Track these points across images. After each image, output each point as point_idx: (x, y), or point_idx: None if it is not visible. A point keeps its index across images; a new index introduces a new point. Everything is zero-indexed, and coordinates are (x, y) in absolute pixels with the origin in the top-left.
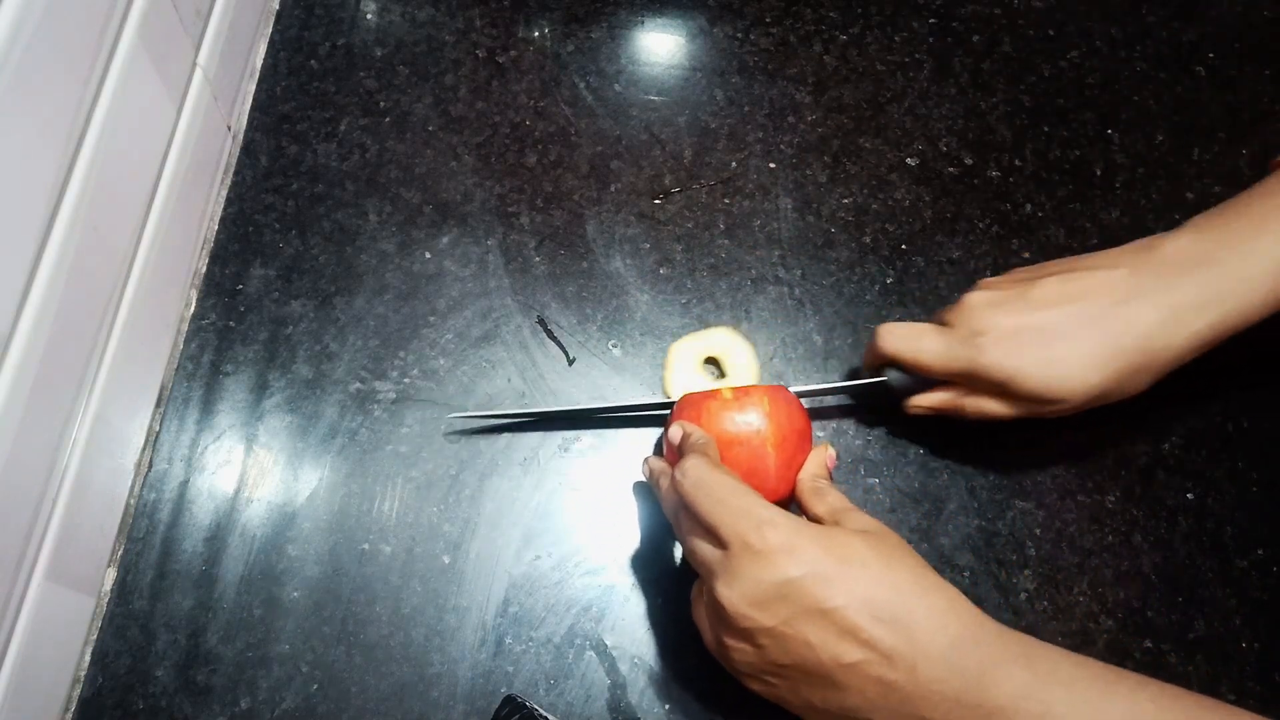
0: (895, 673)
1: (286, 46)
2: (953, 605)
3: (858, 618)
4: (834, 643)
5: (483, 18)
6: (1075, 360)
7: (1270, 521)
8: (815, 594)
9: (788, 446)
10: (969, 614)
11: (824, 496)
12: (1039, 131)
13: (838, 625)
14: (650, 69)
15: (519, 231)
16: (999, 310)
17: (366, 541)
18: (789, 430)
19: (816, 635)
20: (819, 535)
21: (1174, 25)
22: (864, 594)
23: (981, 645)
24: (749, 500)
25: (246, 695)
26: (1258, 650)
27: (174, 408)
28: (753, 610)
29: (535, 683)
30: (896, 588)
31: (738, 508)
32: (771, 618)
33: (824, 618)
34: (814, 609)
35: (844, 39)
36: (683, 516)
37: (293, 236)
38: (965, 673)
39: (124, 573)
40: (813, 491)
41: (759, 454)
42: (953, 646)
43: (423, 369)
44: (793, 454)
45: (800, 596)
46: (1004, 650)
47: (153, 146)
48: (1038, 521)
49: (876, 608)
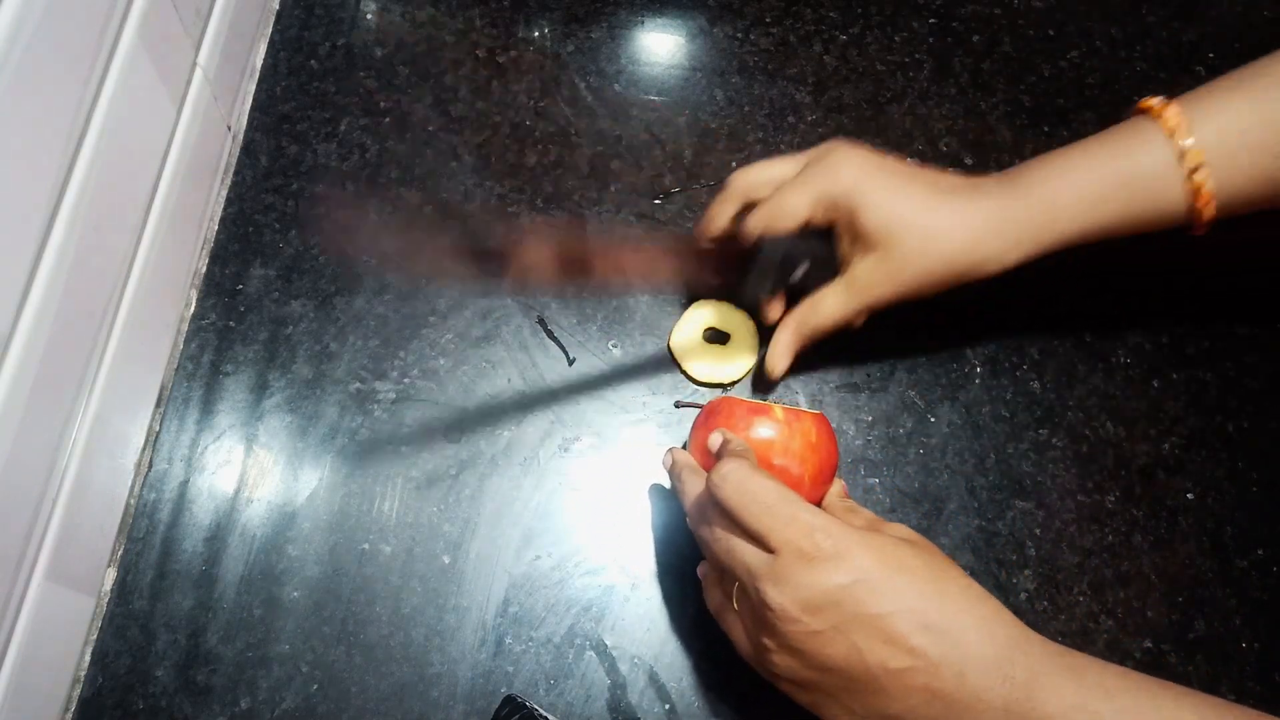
0: (942, 681)
1: (286, 46)
2: (999, 616)
3: (907, 625)
4: (881, 649)
5: (483, 18)
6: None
7: (1270, 521)
8: (866, 600)
9: (820, 481)
10: (1014, 625)
11: (858, 513)
12: (1039, 131)
13: (886, 632)
14: (650, 69)
15: (519, 232)
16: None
17: (366, 541)
18: (826, 465)
19: (865, 641)
20: (870, 543)
21: (1174, 25)
22: (913, 602)
23: (1029, 656)
24: (797, 506)
25: (246, 695)
26: (1258, 650)
27: (174, 408)
28: (804, 615)
29: (535, 683)
30: (944, 597)
31: (787, 514)
32: (822, 622)
33: (873, 624)
34: (864, 615)
35: (844, 39)
36: (717, 519)
37: (293, 236)
38: (1013, 682)
39: (124, 573)
40: (846, 510)
41: (796, 484)
42: (1001, 656)
43: (423, 369)
44: (823, 490)
45: (851, 602)
46: (1050, 661)
47: (153, 146)
48: (1038, 521)
49: (925, 616)
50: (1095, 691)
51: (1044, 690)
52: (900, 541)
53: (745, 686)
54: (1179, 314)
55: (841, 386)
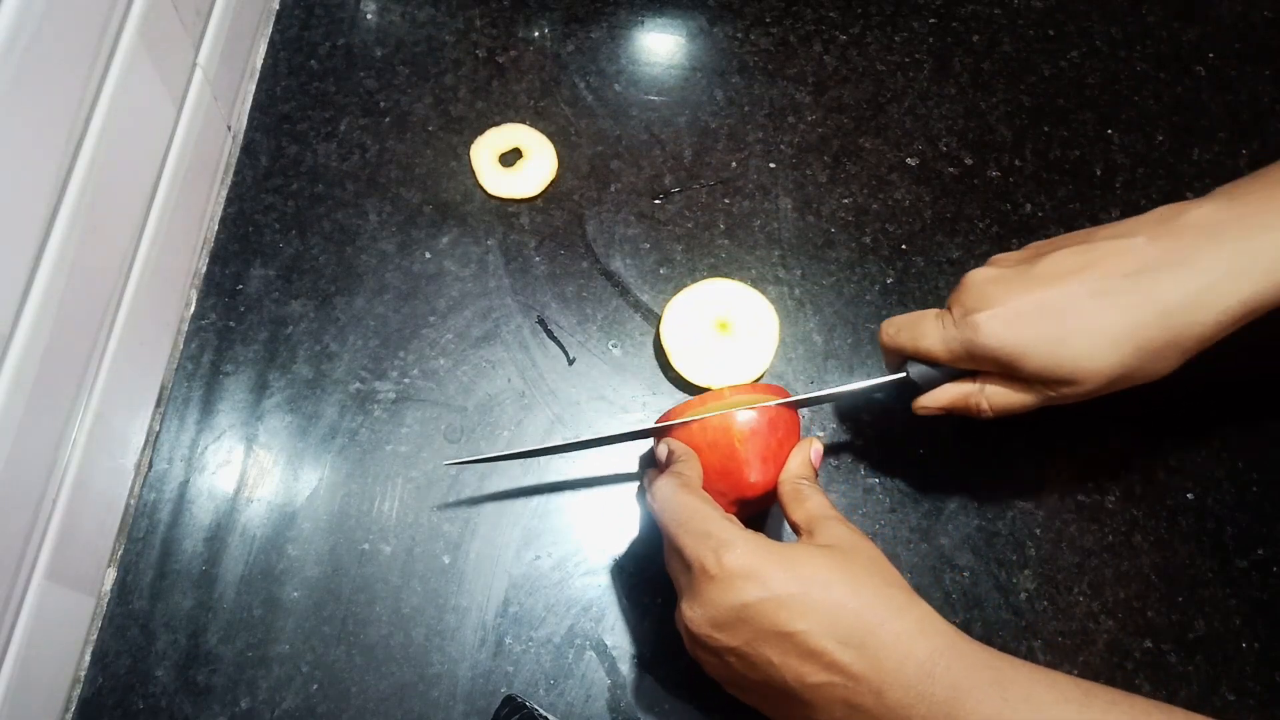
0: (860, 697)
1: (286, 46)
2: (922, 627)
3: (821, 641)
4: (797, 665)
5: (483, 17)
6: (1087, 337)
7: (1270, 521)
8: (775, 617)
9: (758, 439)
10: (939, 635)
11: (803, 502)
12: (1039, 131)
13: (799, 648)
14: (650, 69)
15: (519, 231)
16: (999, 286)
17: (366, 541)
18: (759, 423)
19: (779, 657)
20: (780, 557)
21: (1174, 25)
22: (827, 617)
23: (952, 670)
24: (709, 523)
25: (246, 695)
26: (1258, 650)
27: (174, 408)
28: (715, 631)
29: (535, 683)
30: (861, 610)
31: (698, 530)
32: (734, 638)
33: (786, 640)
34: (775, 631)
35: (844, 39)
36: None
37: (293, 236)
38: (933, 700)
39: (124, 573)
40: (793, 495)
41: (728, 452)
42: (921, 672)
43: (423, 369)
44: (767, 445)
45: (759, 619)
46: (975, 675)
47: (153, 146)
48: (1038, 521)
49: (841, 631)
50: (1021, 706)
51: (964, 708)
52: (820, 551)
53: None
54: None
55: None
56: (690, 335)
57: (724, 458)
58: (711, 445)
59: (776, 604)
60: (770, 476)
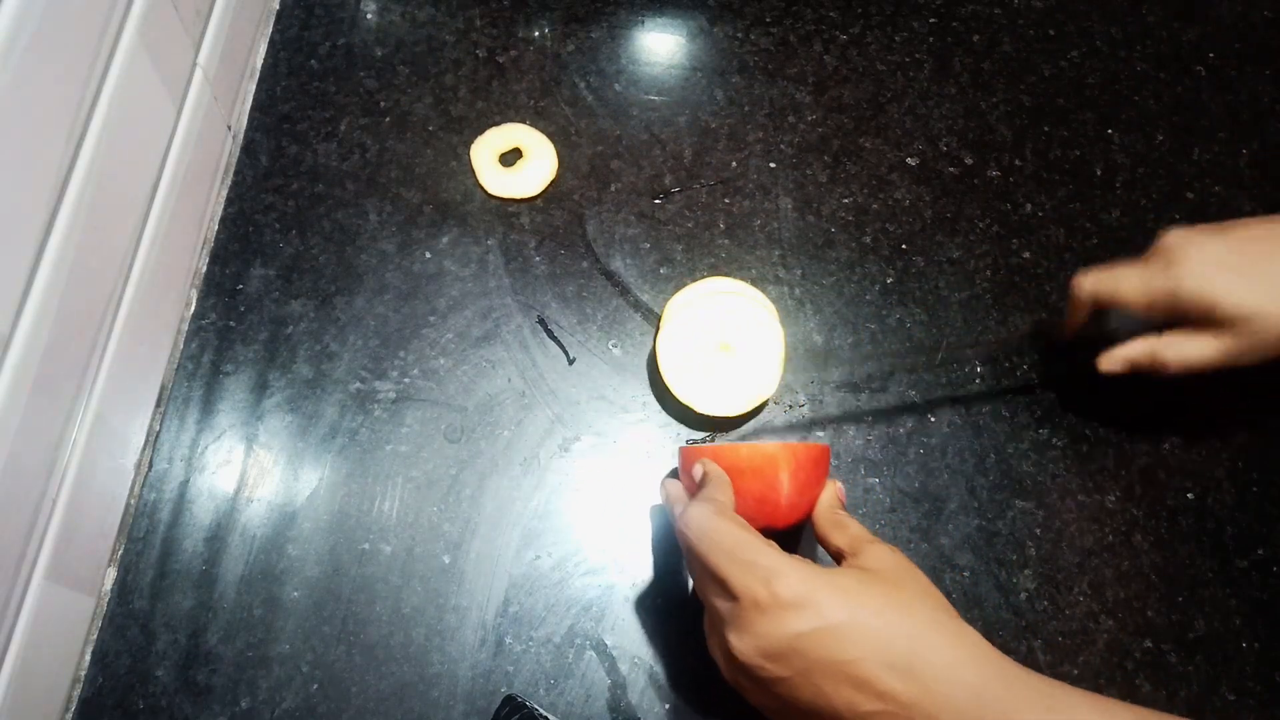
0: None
1: (286, 46)
2: (974, 654)
3: (873, 669)
4: (849, 693)
5: (483, 17)
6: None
7: (1270, 521)
8: (830, 646)
9: (801, 473)
10: (990, 662)
11: (846, 528)
12: (1039, 131)
13: (854, 677)
14: (650, 69)
15: (519, 231)
16: (1201, 236)
17: (366, 541)
18: (804, 456)
19: (831, 687)
20: (831, 585)
21: (1174, 25)
22: (879, 645)
23: (1003, 697)
24: (755, 551)
25: (246, 695)
26: (1258, 650)
27: (174, 408)
28: (766, 662)
29: (535, 682)
30: (913, 637)
31: (744, 560)
32: (785, 669)
33: (839, 669)
34: (828, 660)
35: (844, 39)
36: (690, 560)
37: (293, 236)
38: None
39: (124, 573)
40: (833, 524)
41: (770, 481)
42: (973, 698)
43: (423, 369)
44: (806, 481)
45: (814, 649)
46: (1026, 701)
47: (153, 146)
48: (1038, 521)
49: (893, 658)
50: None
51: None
52: (871, 576)
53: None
54: None
55: (841, 386)
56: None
57: (765, 486)
58: (756, 472)
59: (830, 633)
60: (801, 512)
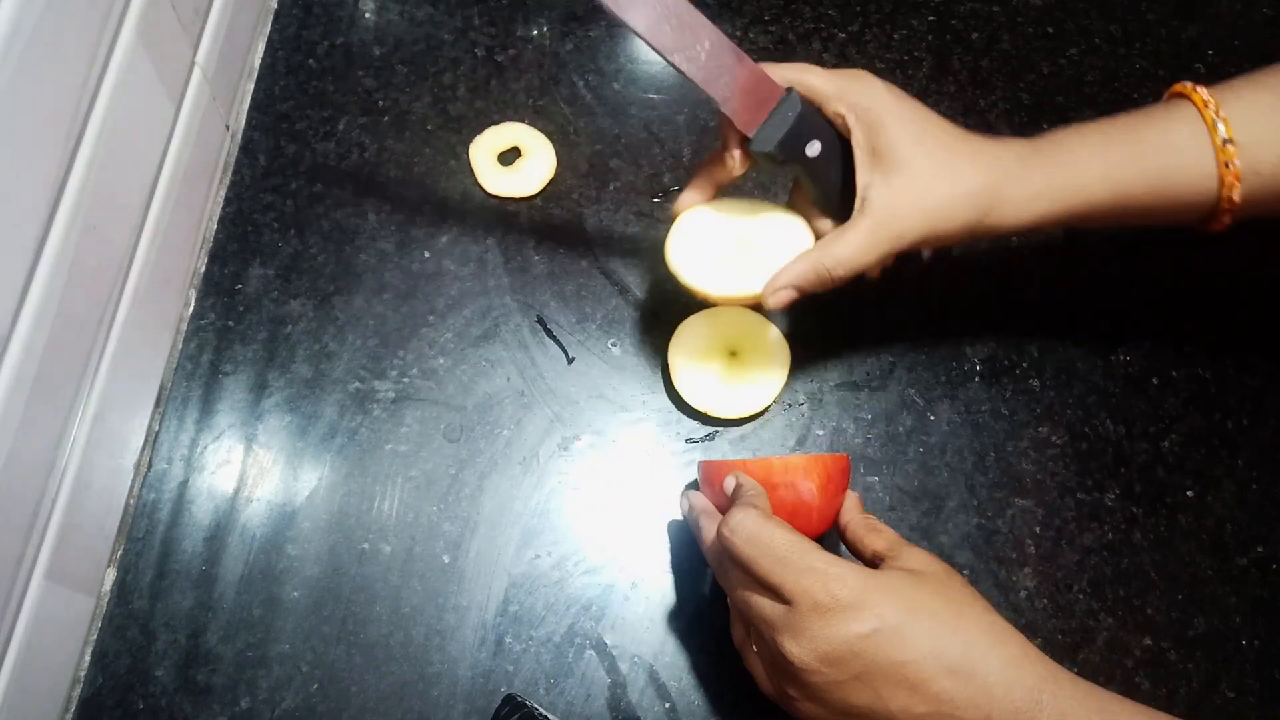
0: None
1: (285, 45)
2: (1025, 654)
3: (929, 670)
4: (904, 696)
5: (481, 16)
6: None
7: (1270, 519)
8: (886, 648)
9: (830, 485)
10: (1042, 664)
11: (880, 532)
12: (1038, 129)
13: (909, 679)
14: (649, 67)
15: (518, 230)
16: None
17: (366, 541)
18: (833, 468)
19: (887, 689)
20: (886, 587)
21: (1174, 23)
22: (935, 646)
23: (1058, 699)
24: (810, 556)
25: (246, 695)
26: (1257, 648)
27: (173, 407)
28: (824, 666)
29: (535, 682)
30: (968, 638)
31: (799, 565)
32: (842, 673)
33: (895, 671)
34: (885, 662)
35: (843, 37)
36: (731, 569)
37: (291, 236)
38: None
39: (124, 573)
40: (868, 528)
41: (804, 493)
42: (1029, 699)
43: (422, 368)
44: (834, 494)
45: (872, 651)
46: (1078, 704)
47: (151, 146)
48: (1037, 519)
49: (948, 660)
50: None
51: None
52: (919, 577)
53: (745, 685)
54: (1179, 312)
55: (841, 385)
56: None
57: (798, 497)
58: (788, 485)
59: (888, 635)
60: (829, 522)
